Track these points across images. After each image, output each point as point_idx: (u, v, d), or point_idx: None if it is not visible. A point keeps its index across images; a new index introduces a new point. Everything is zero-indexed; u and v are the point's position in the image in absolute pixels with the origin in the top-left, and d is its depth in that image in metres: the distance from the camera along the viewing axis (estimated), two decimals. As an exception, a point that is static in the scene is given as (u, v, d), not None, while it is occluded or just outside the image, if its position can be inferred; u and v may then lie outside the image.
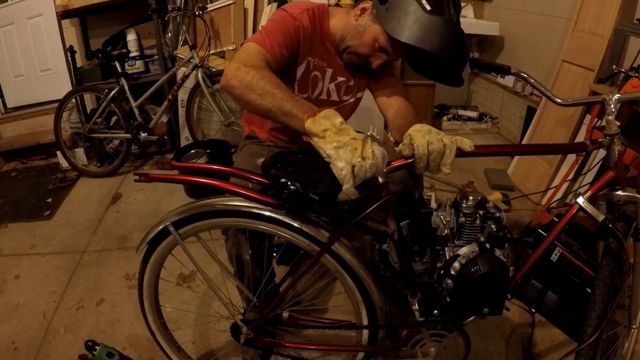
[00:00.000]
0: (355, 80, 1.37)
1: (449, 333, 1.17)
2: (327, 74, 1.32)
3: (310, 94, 1.33)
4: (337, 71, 1.33)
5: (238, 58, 1.10)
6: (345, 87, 1.37)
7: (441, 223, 1.05)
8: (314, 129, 0.92)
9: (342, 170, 0.87)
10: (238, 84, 1.02)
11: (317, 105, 1.02)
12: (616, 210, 1.14)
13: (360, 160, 0.87)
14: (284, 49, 1.17)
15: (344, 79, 1.34)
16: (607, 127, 1.09)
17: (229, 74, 1.04)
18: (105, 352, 1.46)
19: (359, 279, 1.10)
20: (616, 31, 2.12)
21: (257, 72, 1.02)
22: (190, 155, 2.61)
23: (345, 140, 0.89)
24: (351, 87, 1.38)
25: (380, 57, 1.21)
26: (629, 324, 1.32)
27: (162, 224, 1.11)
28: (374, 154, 0.89)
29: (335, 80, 1.34)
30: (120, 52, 2.88)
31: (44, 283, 1.98)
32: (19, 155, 3.39)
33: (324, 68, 1.31)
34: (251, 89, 1.00)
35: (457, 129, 3.51)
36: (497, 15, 3.45)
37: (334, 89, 1.35)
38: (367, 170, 0.88)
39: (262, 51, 1.12)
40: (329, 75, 1.33)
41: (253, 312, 1.22)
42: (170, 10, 2.82)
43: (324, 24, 1.28)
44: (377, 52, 1.21)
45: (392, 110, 1.30)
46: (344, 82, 1.35)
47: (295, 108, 0.97)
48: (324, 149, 0.90)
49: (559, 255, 1.58)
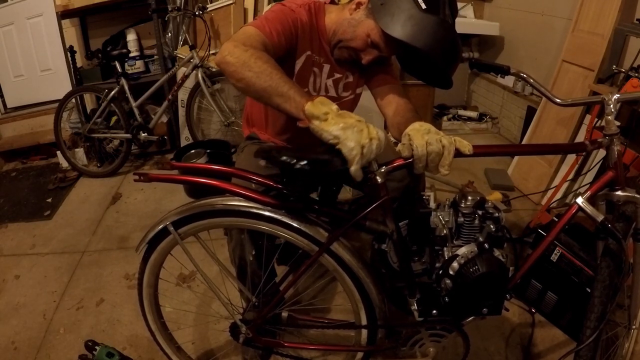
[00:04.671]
0: (354, 76, 1.37)
1: (448, 333, 1.17)
2: (324, 69, 1.32)
3: (308, 89, 1.33)
4: (334, 67, 1.33)
5: (236, 37, 1.09)
6: (344, 84, 1.37)
7: (440, 223, 1.05)
8: (315, 112, 0.91)
9: (352, 151, 0.87)
10: (234, 60, 1.00)
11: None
12: (616, 211, 1.14)
13: (368, 141, 0.88)
14: (282, 38, 1.16)
15: (341, 75, 1.35)
16: (606, 127, 1.09)
17: (226, 50, 1.02)
18: (105, 352, 1.46)
19: (358, 278, 1.10)
20: (616, 31, 2.12)
21: (255, 52, 1.01)
22: (190, 155, 2.61)
23: (351, 122, 0.89)
24: (350, 83, 1.37)
25: (371, 52, 1.21)
26: (629, 325, 1.32)
27: (161, 224, 1.11)
28: (379, 135, 0.90)
29: (332, 76, 1.34)
30: (120, 52, 2.88)
31: (44, 283, 1.98)
32: (19, 155, 3.40)
33: (321, 64, 1.31)
34: (248, 67, 0.98)
35: (457, 129, 3.51)
36: (497, 15, 3.45)
37: (331, 85, 1.35)
38: (373, 151, 0.89)
39: (260, 35, 1.11)
40: (326, 71, 1.33)
41: (252, 312, 1.22)
42: (170, 10, 2.81)
43: (320, 21, 1.29)
44: (369, 47, 1.21)
45: (391, 108, 1.30)
46: (341, 79, 1.35)
47: (292, 90, 0.96)
48: (330, 130, 0.88)
49: (558, 255, 1.58)
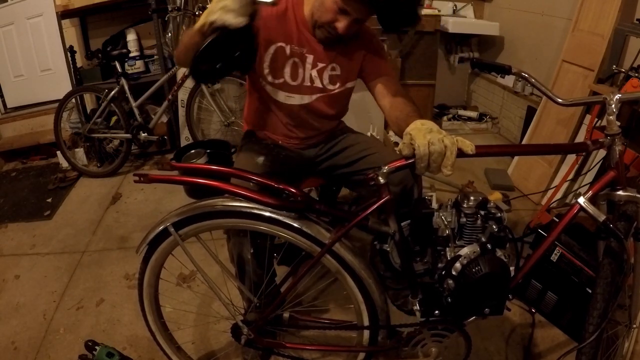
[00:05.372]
0: (343, 69, 1.37)
1: (450, 333, 1.17)
2: (307, 60, 1.33)
3: (285, 80, 1.35)
4: (318, 57, 1.34)
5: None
6: (329, 75, 1.37)
7: (442, 223, 1.06)
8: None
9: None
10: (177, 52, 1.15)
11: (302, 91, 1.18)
12: (616, 210, 1.14)
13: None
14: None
15: (325, 64, 1.35)
16: (608, 127, 1.09)
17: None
18: (105, 352, 1.46)
19: (360, 279, 1.10)
20: (616, 31, 2.12)
21: (186, 33, 1.14)
22: (190, 155, 2.60)
23: None
24: (337, 76, 1.37)
25: (343, 19, 1.22)
26: (629, 324, 1.33)
27: (162, 225, 1.11)
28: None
29: (316, 66, 1.35)
30: (120, 52, 2.88)
31: (44, 283, 1.98)
32: (19, 155, 3.39)
33: (304, 54, 1.33)
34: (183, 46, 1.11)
35: (457, 129, 3.51)
36: (497, 15, 3.46)
37: (316, 76, 1.36)
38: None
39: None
40: (310, 62, 1.34)
41: (254, 313, 1.22)
42: (170, 10, 2.81)
43: (299, 13, 1.31)
44: (339, 15, 1.22)
45: (388, 100, 1.30)
46: (325, 68, 1.36)
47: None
48: None
49: (559, 255, 1.58)
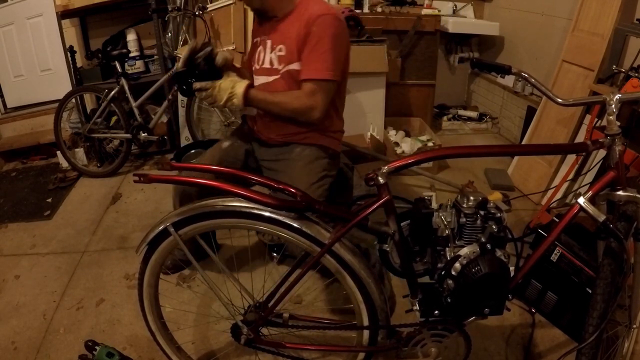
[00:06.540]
0: (287, 50, 1.47)
1: (450, 333, 1.17)
2: (267, 44, 1.53)
3: (257, 65, 1.57)
4: (274, 41, 1.50)
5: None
6: (278, 56, 1.50)
7: (442, 223, 1.06)
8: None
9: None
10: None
11: (262, 72, 1.49)
12: (616, 211, 1.14)
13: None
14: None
15: (275, 45, 1.50)
16: (608, 127, 1.09)
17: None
18: (105, 352, 1.46)
19: (360, 279, 1.10)
20: (616, 31, 2.12)
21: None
22: (190, 155, 2.61)
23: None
24: (283, 56, 1.49)
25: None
26: (629, 324, 1.32)
27: (162, 225, 1.11)
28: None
29: (274, 49, 1.51)
30: (120, 52, 2.88)
31: (44, 283, 1.98)
32: (19, 155, 3.39)
33: (265, 41, 1.53)
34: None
35: (457, 129, 3.51)
36: (497, 15, 3.46)
37: (275, 58, 1.51)
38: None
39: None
40: (269, 46, 1.52)
41: (253, 313, 1.21)
42: (170, 10, 2.82)
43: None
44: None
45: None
46: (275, 48, 1.50)
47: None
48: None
49: (559, 255, 1.58)
